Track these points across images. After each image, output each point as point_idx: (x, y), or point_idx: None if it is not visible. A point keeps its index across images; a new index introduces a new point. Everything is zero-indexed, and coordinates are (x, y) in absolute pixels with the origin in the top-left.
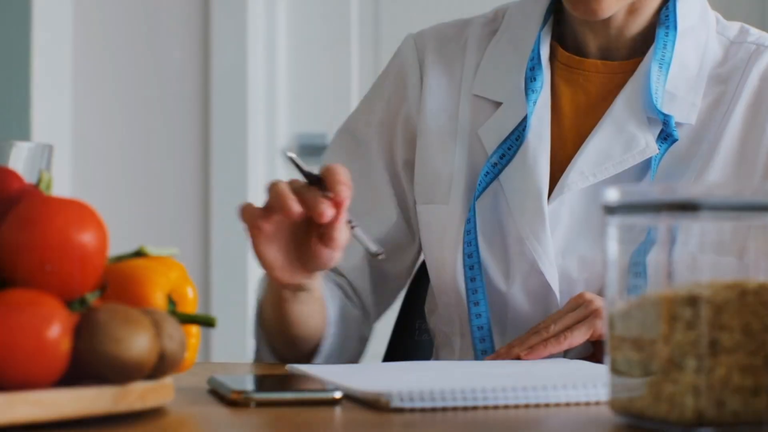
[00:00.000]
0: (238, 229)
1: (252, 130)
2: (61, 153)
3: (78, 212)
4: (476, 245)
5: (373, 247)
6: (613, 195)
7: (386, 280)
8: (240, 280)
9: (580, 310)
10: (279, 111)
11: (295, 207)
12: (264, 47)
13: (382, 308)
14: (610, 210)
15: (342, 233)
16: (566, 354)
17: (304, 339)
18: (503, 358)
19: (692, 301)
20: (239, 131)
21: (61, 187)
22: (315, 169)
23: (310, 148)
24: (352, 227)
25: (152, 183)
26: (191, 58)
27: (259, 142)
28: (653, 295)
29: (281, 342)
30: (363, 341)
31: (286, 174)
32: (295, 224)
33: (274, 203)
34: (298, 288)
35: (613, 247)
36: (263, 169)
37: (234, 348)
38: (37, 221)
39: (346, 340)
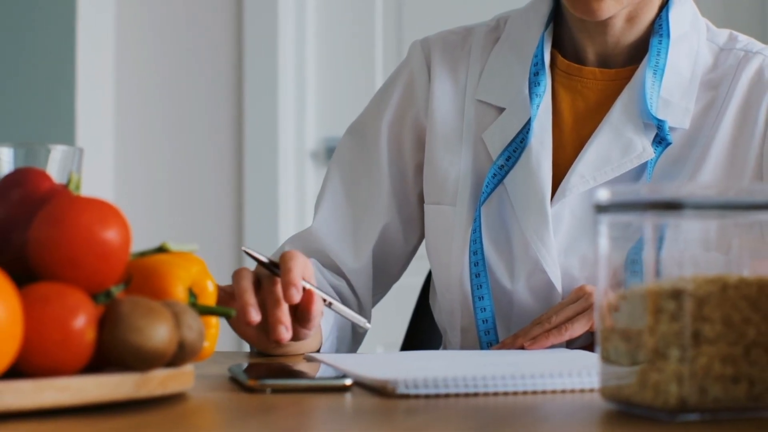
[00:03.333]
0: (269, 227)
1: (282, 134)
2: (104, 155)
3: (103, 211)
4: (481, 244)
5: (359, 321)
6: (603, 195)
7: (386, 278)
8: None
9: (580, 302)
10: (308, 115)
11: (255, 318)
12: (294, 55)
13: (377, 300)
14: (602, 209)
15: (315, 314)
16: (569, 344)
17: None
18: (508, 348)
19: (676, 294)
20: (270, 135)
21: (103, 187)
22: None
23: None
24: (329, 304)
25: (189, 183)
26: (225, 65)
27: (289, 144)
28: (640, 288)
29: None
30: (358, 338)
31: (316, 178)
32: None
33: (237, 304)
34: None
35: (603, 243)
36: (293, 169)
37: None
38: (64, 219)
39: (341, 345)
